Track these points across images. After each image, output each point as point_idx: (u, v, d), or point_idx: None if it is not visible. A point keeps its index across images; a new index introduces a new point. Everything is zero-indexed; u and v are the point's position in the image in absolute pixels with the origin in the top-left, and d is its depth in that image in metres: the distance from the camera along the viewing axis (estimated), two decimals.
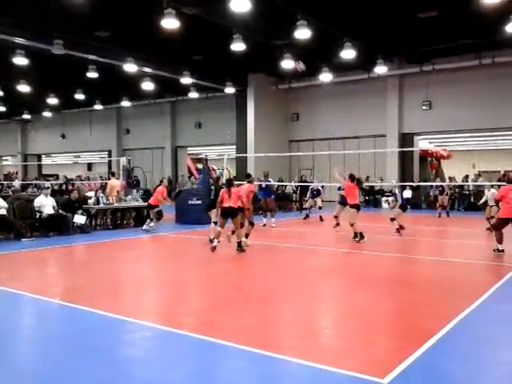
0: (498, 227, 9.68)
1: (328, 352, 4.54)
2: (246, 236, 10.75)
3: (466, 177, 23.15)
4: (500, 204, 9.68)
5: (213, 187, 12.01)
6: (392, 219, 12.97)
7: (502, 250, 9.50)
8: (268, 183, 16.16)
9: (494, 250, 9.62)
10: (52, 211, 12.66)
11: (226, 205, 9.88)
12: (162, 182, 14.92)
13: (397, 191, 13.66)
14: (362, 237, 11.29)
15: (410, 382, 3.84)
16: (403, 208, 13.16)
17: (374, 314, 5.75)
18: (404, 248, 11.10)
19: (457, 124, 22.20)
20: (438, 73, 21.63)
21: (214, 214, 10.89)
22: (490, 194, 14.11)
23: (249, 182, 11.59)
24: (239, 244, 10.00)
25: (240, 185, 11.82)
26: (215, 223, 10.70)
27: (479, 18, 14.88)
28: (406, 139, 23.69)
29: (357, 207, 11.66)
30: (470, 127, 22.48)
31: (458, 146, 29.42)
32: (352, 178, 11.89)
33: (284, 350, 4.42)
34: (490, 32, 16.60)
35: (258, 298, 6.51)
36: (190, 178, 21.62)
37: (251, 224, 11.00)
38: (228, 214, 9.92)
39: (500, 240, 9.53)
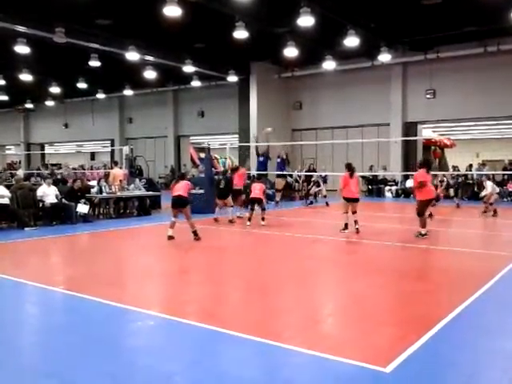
0: (422, 212, 10.23)
1: (330, 341, 4.55)
2: (263, 219, 12.46)
3: (470, 166, 23.05)
4: (420, 189, 10.10)
5: (220, 177, 13.84)
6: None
7: (426, 234, 10.14)
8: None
9: (418, 235, 10.12)
10: (55, 200, 12.69)
11: (176, 193, 10.05)
12: (238, 167, 15.30)
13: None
14: (345, 227, 11.18)
15: (413, 371, 3.84)
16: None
17: (377, 302, 5.75)
18: (405, 237, 11.07)
19: (461, 113, 22.05)
20: (442, 61, 21.44)
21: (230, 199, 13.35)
22: (489, 186, 14.22)
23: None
24: (195, 233, 10.04)
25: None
26: (232, 206, 13.44)
27: (484, 5, 14.72)
28: (409, 128, 23.56)
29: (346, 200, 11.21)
30: (474, 116, 22.32)
31: (462, 134, 29.25)
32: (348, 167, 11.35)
33: (286, 339, 4.43)
34: (495, 19, 16.42)
35: (261, 287, 6.52)
36: (193, 167, 21.61)
37: (263, 209, 12.69)
38: (177, 203, 10.04)
39: (424, 225, 10.15)
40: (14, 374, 3.87)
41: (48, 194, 12.62)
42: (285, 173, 22.29)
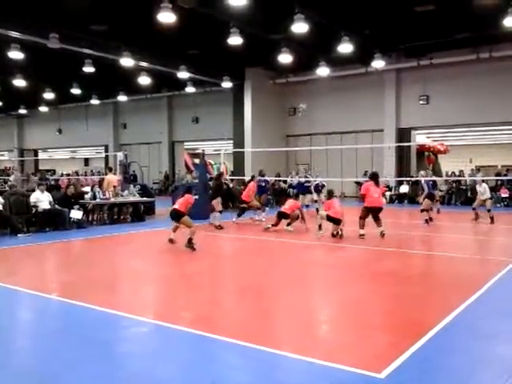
0: (363, 216, 11.22)
1: (324, 346, 4.53)
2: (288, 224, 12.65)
3: (460, 172, 23.14)
4: (365, 197, 11.28)
5: (211, 182, 13.00)
6: (422, 210, 13.48)
7: (363, 235, 10.99)
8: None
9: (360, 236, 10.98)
10: (48, 206, 12.62)
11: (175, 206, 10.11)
12: (253, 178, 15.35)
13: (423, 180, 13.96)
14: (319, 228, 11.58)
15: (407, 377, 3.83)
16: (431, 197, 13.61)
17: (371, 308, 5.75)
18: (398, 242, 11.10)
19: (454, 118, 22.18)
20: (435, 67, 21.59)
21: (217, 205, 13.11)
22: (482, 189, 14.32)
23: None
24: (190, 240, 9.68)
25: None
26: (220, 212, 13.26)
27: (476, 11, 14.86)
28: (403, 134, 23.67)
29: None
30: (467, 122, 22.47)
31: (456, 140, 29.41)
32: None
33: (280, 345, 4.42)
34: (488, 26, 16.56)
35: (254, 292, 6.50)
36: (187, 173, 21.59)
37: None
38: (173, 216, 10.03)
39: (363, 226, 11.14)
40: (7, 379, 3.83)
41: (42, 200, 12.55)
42: (282, 178, 22.40)
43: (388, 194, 23.19)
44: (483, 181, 14.98)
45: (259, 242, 11.36)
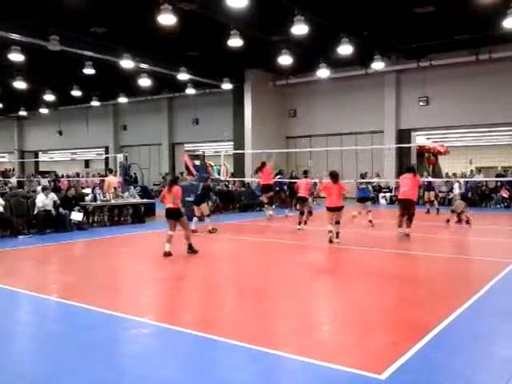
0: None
1: (325, 348, 4.54)
2: (305, 223, 12.72)
3: (454, 174, 23.14)
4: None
5: (201, 184, 12.97)
6: (452, 211, 13.51)
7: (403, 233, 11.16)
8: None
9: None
10: (53, 209, 12.59)
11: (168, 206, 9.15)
12: (264, 163, 14.59)
13: (461, 181, 13.95)
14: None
15: (408, 378, 3.83)
16: (465, 198, 13.68)
17: (371, 308, 5.75)
18: (397, 244, 11.11)
19: (454, 120, 22.20)
20: (435, 68, 21.62)
21: (205, 209, 12.51)
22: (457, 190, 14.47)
23: (305, 176, 13.50)
24: (190, 246, 9.27)
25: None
26: (208, 216, 12.59)
27: (476, 13, 14.88)
28: (403, 135, 23.68)
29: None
30: (467, 123, 22.48)
31: (456, 141, 29.43)
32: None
33: (281, 346, 4.43)
34: (487, 27, 16.60)
35: (255, 294, 6.51)
36: (188, 174, 21.59)
37: (309, 212, 12.89)
38: (171, 215, 9.22)
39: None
40: (7, 382, 3.84)
41: (46, 203, 12.51)
42: (281, 180, 22.38)
43: (388, 195, 23.23)
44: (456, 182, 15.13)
45: (256, 243, 11.38)
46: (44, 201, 12.49)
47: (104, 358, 4.29)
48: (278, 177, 15.81)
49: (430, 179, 19.04)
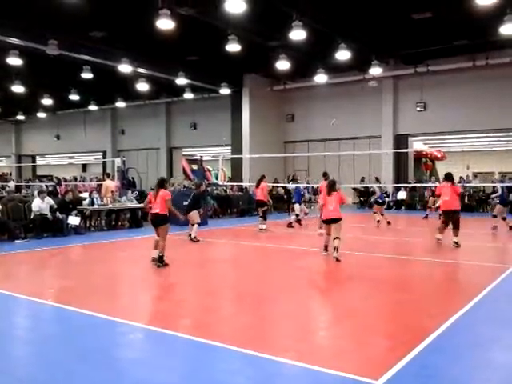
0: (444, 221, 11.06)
1: (322, 353, 4.54)
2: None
3: (460, 178, 23.17)
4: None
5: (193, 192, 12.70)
6: (494, 216, 13.49)
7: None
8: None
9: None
10: (49, 213, 12.55)
11: (153, 211, 8.56)
12: (263, 177, 14.75)
13: (498, 186, 13.98)
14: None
15: (404, 383, 3.83)
16: (504, 203, 13.59)
17: (368, 314, 5.75)
18: (396, 248, 11.12)
19: (451, 125, 22.27)
20: (432, 74, 21.70)
21: (195, 216, 11.92)
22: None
23: (326, 179, 12.41)
24: (161, 258, 8.45)
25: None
26: (199, 224, 12.07)
27: (473, 19, 14.95)
28: (400, 140, 23.76)
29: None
30: (464, 128, 22.56)
31: (453, 147, 29.53)
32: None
33: (278, 352, 4.42)
34: (484, 33, 16.68)
35: (253, 299, 6.50)
36: (185, 179, 21.60)
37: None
38: (154, 222, 8.65)
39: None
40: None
41: (43, 207, 12.48)
42: (279, 185, 22.44)
43: (386, 200, 23.22)
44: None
45: (252, 248, 11.37)
46: (40, 205, 12.46)
47: (102, 362, 4.28)
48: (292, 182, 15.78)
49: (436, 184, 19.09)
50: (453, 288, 7.11)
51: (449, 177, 11.16)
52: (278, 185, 22.53)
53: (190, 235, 11.90)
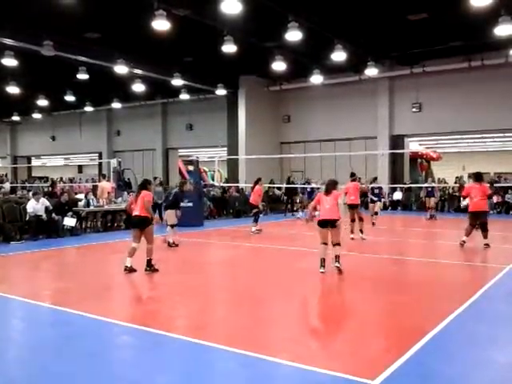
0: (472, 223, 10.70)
1: (319, 354, 4.53)
2: (361, 231, 11.93)
3: (456, 179, 23.27)
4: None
5: (174, 191, 11.92)
6: None
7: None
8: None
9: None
10: (44, 214, 12.50)
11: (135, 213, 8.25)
12: (259, 180, 14.53)
13: None
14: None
15: (401, 383, 3.83)
16: None
17: (365, 314, 5.75)
18: (393, 249, 11.13)
19: (447, 126, 22.32)
20: (428, 75, 21.75)
21: (171, 217, 11.21)
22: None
23: (353, 180, 12.47)
24: (149, 263, 8.22)
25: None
26: (172, 226, 11.22)
27: (468, 20, 15.00)
28: (396, 141, 23.80)
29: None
30: (459, 129, 22.62)
31: (448, 147, 29.61)
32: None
33: (275, 352, 4.41)
34: (479, 34, 16.73)
35: (249, 300, 6.49)
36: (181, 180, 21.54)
37: (361, 219, 12.05)
38: (137, 224, 8.30)
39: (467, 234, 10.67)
40: None
41: (37, 209, 12.42)
42: (276, 185, 22.45)
43: (382, 200, 23.25)
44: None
45: (248, 248, 11.35)
46: (35, 206, 12.39)
47: (98, 364, 4.26)
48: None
49: (433, 185, 19.18)
50: (449, 288, 7.11)
51: (478, 177, 10.74)
52: (275, 185, 22.54)
53: (169, 243, 11.06)
